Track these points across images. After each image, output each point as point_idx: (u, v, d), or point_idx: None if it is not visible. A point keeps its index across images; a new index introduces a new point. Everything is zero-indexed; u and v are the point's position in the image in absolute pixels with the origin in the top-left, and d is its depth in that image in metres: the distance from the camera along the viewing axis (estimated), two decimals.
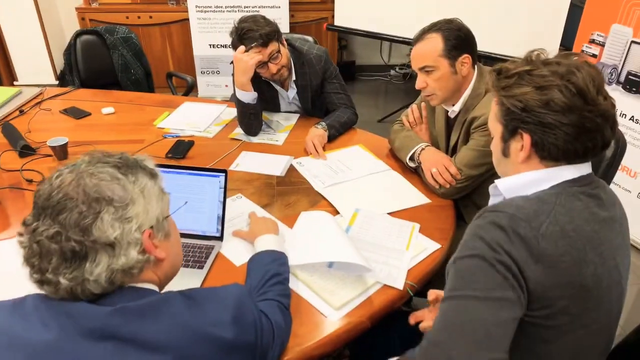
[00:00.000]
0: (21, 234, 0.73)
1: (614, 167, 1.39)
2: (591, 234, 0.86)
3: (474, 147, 1.52)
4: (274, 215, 1.45)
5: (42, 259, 0.70)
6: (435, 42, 1.50)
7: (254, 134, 2.00)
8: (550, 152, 0.89)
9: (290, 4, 3.95)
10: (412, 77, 4.59)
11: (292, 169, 1.75)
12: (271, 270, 1.09)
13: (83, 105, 2.30)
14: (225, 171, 1.34)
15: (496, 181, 1.00)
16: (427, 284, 1.26)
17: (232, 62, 1.89)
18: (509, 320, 0.79)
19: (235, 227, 1.38)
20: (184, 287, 0.82)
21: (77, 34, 2.82)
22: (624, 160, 1.44)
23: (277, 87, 2.11)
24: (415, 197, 1.57)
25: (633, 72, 2.32)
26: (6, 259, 1.27)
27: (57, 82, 4.25)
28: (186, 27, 4.03)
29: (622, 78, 2.36)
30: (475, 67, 1.57)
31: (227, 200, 1.38)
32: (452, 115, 1.65)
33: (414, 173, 1.69)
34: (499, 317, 0.78)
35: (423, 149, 1.65)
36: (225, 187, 1.33)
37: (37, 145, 1.88)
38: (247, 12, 2.98)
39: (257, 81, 1.96)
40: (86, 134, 2.01)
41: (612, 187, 1.01)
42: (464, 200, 1.62)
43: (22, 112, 2.22)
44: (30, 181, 1.67)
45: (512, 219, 0.83)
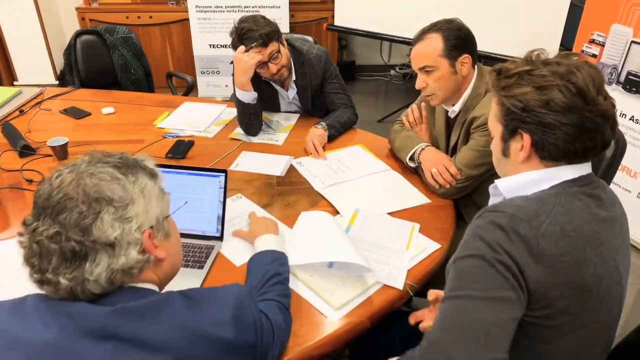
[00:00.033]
0: (21, 234, 0.73)
1: (614, 167, 1.39)
2: (591, 234, 0.85)
3: (474, 147, 1.52)
4: (274, 215, 1.45)
5: (42, 259, 0.70)
6: (435, 42, 1.50)
7: (254, 134, 2.00)
8: (551, 152, 0.89)
9: (290, 4, 3.95)
10: (412, 77, 4.59)
11: (292, 169, 1.75)
12: (271, 270, 1.09)
13: (83, 105, 2.30)
14: (225, 171, 1.34)
15: (496, 181, 1.00)
16: (427, 284, 1.26)
17: (232, 62, 1.89)
18: (509, 320, 0.79)
19: (235, 227, 1.38)
20: (184, 287, 0.82)
21: (77, 34, 2.82)
22: (624, 160, 1.44)
23: (277, 87, 2.11)
24: (415, 197, 1.57)
25: (633, 72, 2.32)
26: (6, 259, 1.27)
27: (57, 82, 4.25)
28: (186, 27, 4.03)
29: (622, 78, 2.36)
30: (475, 67, 1.57)
31: (227, 200, 1.38)
32: (452, 115, 1.65)
33: (414, 173, 1.69)
34: (499, 317, 0.78)
35: (423, 149, 1.65)
36: (225, 187, 1.33)
37: (37, 145, 1.88)
38: (247, 12, 2.98)
39: (257, 81, 1.96)
40: (86, 134, 2.01)
41: (612, 187, 1.01)
42: (464, 200, 1.62)
43: (22, 112, 2.22)
44: (30, 181, 1.67)
45: (512, 218, 0.82)
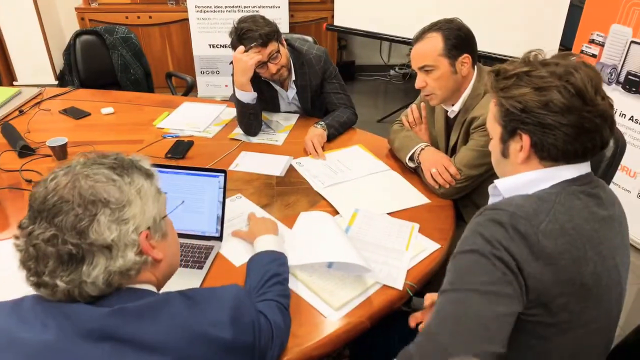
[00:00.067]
0: (17, 237, 0.73)
1: (613, 167, 1.39)
2: (591, 232, 0.86)
3: (474, 147, 1.52)
4: (273, 216, 1.45)
5: (39, 262, 0.70)
6: (436, 42, 1.50)
7: (254, 134, 2.00)
8: (550, 152, 0.89)
9: (290, 4, 3.95)
10: (412, 77, 4.59)
11: (291, 169, 1.75)
12: (270, 271, 1.09)
13: (82, 105, 2.30)
14: (224, 171, 1.34)
15: (495, 181, 1.01)
16: (426, 284, 1.26)
17: (231, 62, 1.89)
18: (506, 314, 0.79)
19: (235, 228, 1.38)
20: (184, 288, 0.82)
21: (77, 34, 2.82)
22: (624, 160, 1.44)
23: (277, 87, 2.10)
24: (415, 197, 1.57)
25: (633, 72, 2.32)
26: (5, 260, 1.27)
27: (56, 82, 4.25)
28: (186, 27, 4.03)
29: (622, 78, 2.36)
30: (475, 67, 1.57)
31: (227, 200, 1.38)
32: (451, 115, 1.65)
33: (413, 173, 1.69)
34: (495, 311, 0.79)
35: (423, 149, 1.65)
36: (224, 187, 1.33)
37: (36, 145, 1.88)
38: (246, 12, 2.98)
39: (257, 81, 1.96)
40: (85, 134, 2.01)
41: (611, 187, 1.01)
42: (463, 200, 1.62)
43: (21, 112, 2.22)
44: (29, 181, 1.67)
45: (512, 216, 0.83)
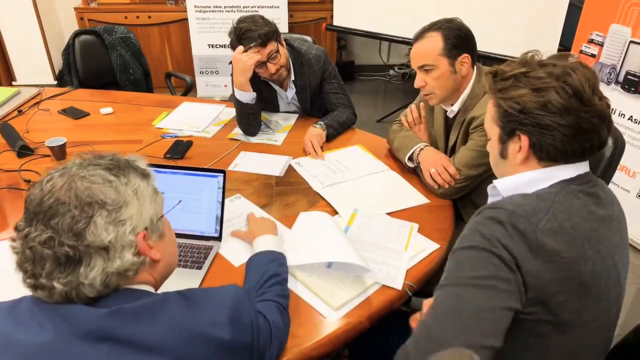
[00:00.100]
0: (13, 240, 0.72)
1: (612, 166, 1.39)
2: (589, 231, 0.86)
3: (473, 147, 1.52)
4: (272, 216, 1.45)
5: (36, 265, 0.70)
6: (435, 41, 1.50)
7: (253, 134, 2.00)
8: (549, 152, 0.90)
9: (289, 4, 3.95)
10: (411, 77, 4.59)
11: (291, 169, 1.75)
12: (270, 271, 1.09)
13: (81, 105, 2.29)
14: (223, 171, 1.34)
15: (494, 181, 1.01)
16: (426, 284, 1.26)
17: (230, 62, 1.89)
18: (502, 308, 0.80)
19: (234, 228, 1.38)
20: (182, 288, 0.81)
21: (76, 34, 2.81)
22: (623, 160, 1.44)
23: (276, 87, 2.10)
24: (414, 197, 1.57)
25: (632, 72, 2.32)
26: (4, 260, 1.26)
27: (55, 82, 4.25)
28: (185, 27, 4.03)
29: (621, 78, 2.36)
30: (475, 67, 1.57)
31: (226, 200, 1.37)
32: (450, 115, 1.65)
33: (412, 173, 1.69)
34: (490, 305, 0.79)
35: (422, 149, 1.65)
36: (223, 188, 1.33)
37: (35, 145, 1.88)
38: (245, 12, 2.98)
39: (256, 81, 1.96)
40: (84, 134, 2.01)
41: (611, 186, 1.01)
42: (462, 200, 1.62)
43: (20, 112, 2.22)
44: (28, 181, 1.66)
45: (512, 215, 0.84)
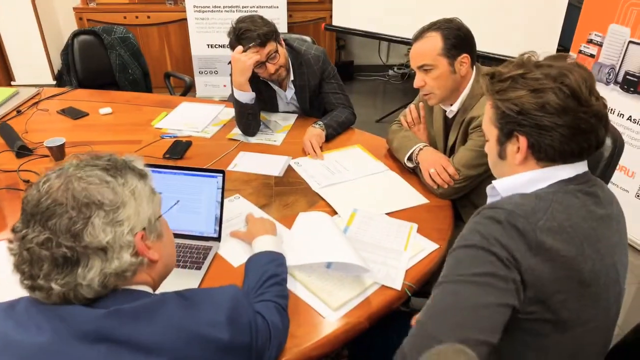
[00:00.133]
0: (10, 241, 0.72)
1: (611, 167, 1.39)
2: (589, 230, 0.86)
3: (472, 148, 1.52)
4: (272, 216, 1.45)
5: (33, 266, 0.70)
6: (435, 41, 1.49)
7: (252, 134, 1.99)
8: (547, 153, 0.90)
9: (288, 4, 3.95)
10: (411, 77, 4.59)
11: (290, 169, 1.74)
12: (269, 271, 1.09)
13: (80, 105, 2.29)
14: (223, 171, 1.34)
15: (494, 182, 1.01)
16: (425, 284, 1.26)
17: (230, 62, 1.89)
18: (498, 304, 0.80)
19: (233, 228, 1.38)
20: (181, 288, 0.81)
21: (75, 34, 2.81)
22: (622, 160, 1.44)
23: (275, 87, 2.10)
24: (414, 198, 1.57)
25: (631, 72, 2.32)
26: (1, 262, 1.26)
27: (54, 82, 4.24)
28: (184, 27, 4.03)
29: (620, 78, 2.36)
30: (474, 67, 1.57)
31: (225, 200, 1.37)
32: (450, 115, 1.65)
33: (412, 173, 1.69)
34: (486, 300, 0.80)
35: (421, 149, 1.65)
36: (223, 188, 1.33)
37: (34, 145, 1.88)
38: (245, 12, 2.98)
39: (255, 81, 1.95)
40: (83, 135, 2.01)
41: (610, 186, 1.02)
42: (462, 200, 1.62)
43: (19, 112, 2.22)
44: (27, 182, 1.66)
45: (510, 214, 0.84)
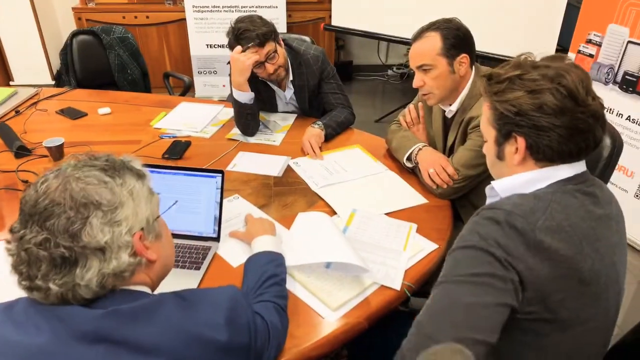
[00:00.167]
0: (8, 242, 0.72)
1: (610, 166, 1.40)
2: (588, 230, 0.87)
3: (471, 147, 1.52)
4: (271, 216, 1.45)
5: (31, 266, 0.70)
6: (434, 41, 1.50)
7: (251, 134, 1.99)
8: (545, 153, 0.90)
9: (288, 4, 3.94)
10: (410, 76, 4.59)
11: (289, 170, 1.74)
12: (268, 272, 1.09)
13: (79, 105, 2.29)
14: (222, 172, 1.34)
15: (492, 182, 1.02)
16: (424, 284, 1.26)
17: (229, 62, 1.89)
18: (496, 304, 0.80)
19: (232, 228, 1.38)
20: (180, 289, 0.81)
21: (74, 34, 2.81)
22: (621, 160, 1.44)
23: (275, 87, 2.10)
24: (413, 198, 1.57)
25: (630, 72, 2.32)
26: (0, 261, 1.26)
27: (53, 83, 4.23)
28: (183, 27, 4.02)
29: (619, 78, 2.36)
30: (473, 67, 1.57)
31: (224, 201, 1.37)
32: (449, 115, 1.65)
33: (411, 173, 1.69)
34: (484, 300, 0.80)
35: (420, 149, 1.65)
36: (222, 188, 1.33)
37: (32, 146, 1.87)
38: (244, 12, 2.98)
39: (254, 81, 1.95)
40: (82, 135, 2.00)
41: (609, 186, 1.02)
42: (461, 200, 1.62)
43: (17, 112, 2.21)
44: (25, 182, 1.66)
45: (509, 214, 0.84)
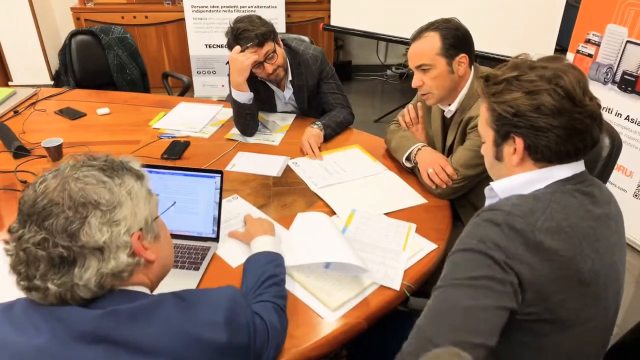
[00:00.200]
0: (7, 242, 0.72)
1: (609, 166, 1.40)
2: (587, 230, 0.87)
3: (470, 147, 1.52)
4: (270, 216, 1.45)
5: (29, 266, 0.69)
6: (433, 41, 1.49)
7: (250, 135, 1.99)
8: (543, 154, 0.91)
9: (287, 4, 3.94)
10: (409, 76, 4.58)
11: (288, 170, 1.74)
12: (267, 272, 1.09)
13: (78, 105, 2.28)
14: (221, 172, 1.34)
15: (492, 183, 1.02)
16: (423, 284, 1.26)
17: (227, 62, 1.89)
18: (496, 307, 0.80)
19: (231, 228, 1.37)
20: (179, 289, 0.81)
21: (72, 34, 2.80)
22: (620, 160, 1.44)
23: (273, 87, 2.10)
24: (412, 198, 1.57)
25: (628, 72, 2.32)
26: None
27: (52, 83, 4.22)
28: (182, 27, 4.02)
29: (618, 78, 2.37)
30: (472, 67, 1.57)
31: (223, 201, 1.37)
32: (448, 115, 1.65)
33: (410, 173, 1.69)
34: (483, 304, 0.80)
35: (419, 149, 1.65)
36: (221, 188, 1.33)
37: (31, 146, 1.87)
38: (243, 12, 2.97)
39: (253, 81, 1.95)
40: (81, 135, 2.00)
41: (608, 186, 1.02)
42: (460, 200, 1.62)
43: (16, 112, 2.21)
44: (24, 182, 1.65)
45: (509, 215, 0.84)
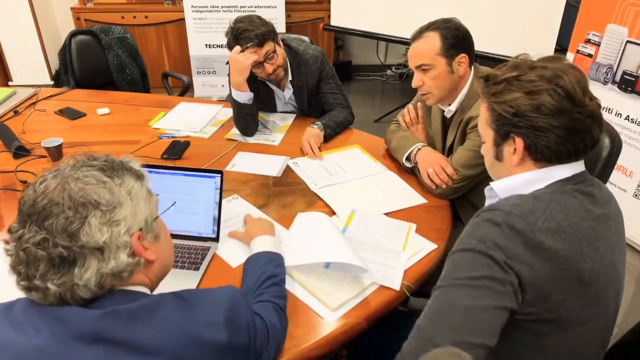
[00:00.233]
0: (7, 242, 0.72)
1: (609, 166, 1.40)
2: (587, 230, 0.87)
3: (470, 147, 1.52)
4: (270, 216, 1.45)
5: (29, 266, 0.69)
6: (433, 41, 1.49)
7: (250, 135, 1.99)
8: (543, 154, 0.91)
9: (287, 4, 3.94)
10: (409, 76, 4.59)
11: (288, 170, 1.74)
12: (267, 272, 1.09)
13: (78, 105, 2.28)
14: (221, 172, 1.34)
15: (491, 183, 1.02)
16: (423, 284, 1.26)
17: (227, 62, 1.89)
18: (496, 308, 0.80)
19: (231, 228, 1.37)
20: (179, 289, 0.81)
21: (72, 34, 2.80)
22: (620, 160, 1.44)
23: (273, 87, 2.10)
24: (412, 198, 1.57)
25: (628, 72, 2.32)
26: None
27: (52, 83, 4.22)
28: (182, 27, 4.02)
29: (618, 78, 2.37)
30: (472, 67, 1.57)
31: (223, 201, 1.37)
32: (448, 115, 1.65)
33: (410, 173, 1.69)
34: (483, 304, 0.80)
35: (419, 149, 1.65)
36: (221, 188, 1.33)
37: (31, 146, 1.87)
38: (243, 12, 2.97)
39: (253, 81, 1.95)
40: (81, 135, 2.00)
41: (608, 186, 1.02)
42: (460, 200, 1.62)
43: (16, 112, 2.21)
44: (24, 182, 1.65)
45: (508, 215, 0.84)
